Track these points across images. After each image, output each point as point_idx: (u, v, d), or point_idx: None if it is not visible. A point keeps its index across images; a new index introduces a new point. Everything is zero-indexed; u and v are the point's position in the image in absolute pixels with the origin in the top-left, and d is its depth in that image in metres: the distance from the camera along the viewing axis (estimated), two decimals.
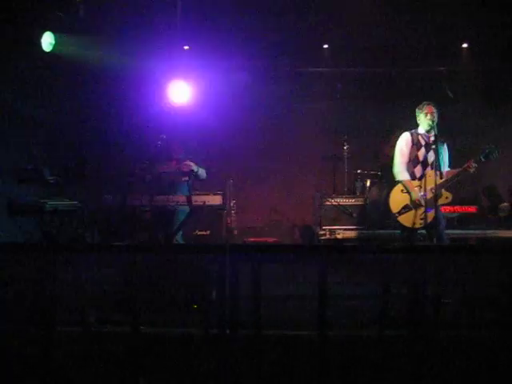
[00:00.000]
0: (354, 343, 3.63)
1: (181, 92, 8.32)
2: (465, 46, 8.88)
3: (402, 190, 5.66)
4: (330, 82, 9.30)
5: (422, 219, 5.46)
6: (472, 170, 5.49)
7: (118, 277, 4.25)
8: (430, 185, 5.42)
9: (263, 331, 3.62)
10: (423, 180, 5.54)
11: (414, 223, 5.51)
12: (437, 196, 5.30)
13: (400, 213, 5.56)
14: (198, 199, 5.71)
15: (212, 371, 3.44)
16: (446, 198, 5.53)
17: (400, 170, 5.72)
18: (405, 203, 5.59)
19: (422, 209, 5.46)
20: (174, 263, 4.27)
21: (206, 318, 3.81)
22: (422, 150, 5.69)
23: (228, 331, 3.59)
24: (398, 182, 5.72)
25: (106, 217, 7.55)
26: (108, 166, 8.72)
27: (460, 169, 5.56)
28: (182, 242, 6.13)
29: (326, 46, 8.94)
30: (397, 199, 5.64)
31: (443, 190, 5.47)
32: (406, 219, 5.56)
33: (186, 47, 8.95)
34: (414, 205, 5.55)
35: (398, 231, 5.92)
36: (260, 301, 3.58)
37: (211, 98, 9.08)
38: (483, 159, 5.49)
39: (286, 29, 8.14)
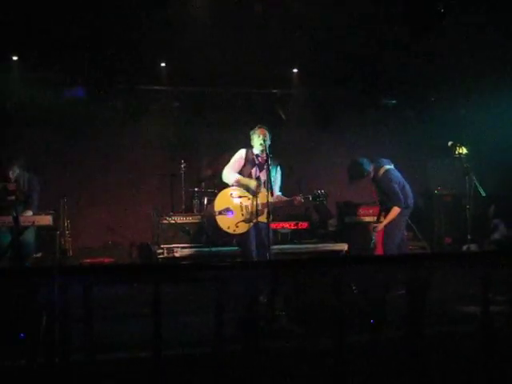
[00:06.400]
0: (189, 361, 3.62)
1: None
2: (295, 71, 9.45)
3: (231, 194, 5.93)
4: (168, 99, 9.34)
5: (236, 227, 5.80)
6: (299, 205, 6.03)
7: None
8: (259, 200, 5.75)
9: (97, 356, 3.46)
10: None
11: (228, 227, 5.80)
12: (269, 214, 5.55)
13: (220, 213, 5.84)
14: (26, 220, 5.41)
15: None
16: (267, 217, 5.69)
17: (227, 172, 5.98)
18: (227, 205, 5.86)
19: (240, 217, 5.80)
20: None
21: (35, 347, 3.56)
22: (255, 168, 5.95)
23: (57, 359, 3.38)
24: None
25: None
26: None
27: (288, 199, 5.97)
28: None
29: (163, 65, 8.94)
30: (222, 200, 5.92)
31: (265, 209, 5.69)
32: (222, 221, 5.83)
33: (14, 58, 8.44)
34: (237, 207, 5.83)
35: (235, 247, 6.10)
36: (92, 324, 3.42)
37: (42, 111, 8.64)
38: (311, 199, 5.95)
39: (123, 45, 8.01)
